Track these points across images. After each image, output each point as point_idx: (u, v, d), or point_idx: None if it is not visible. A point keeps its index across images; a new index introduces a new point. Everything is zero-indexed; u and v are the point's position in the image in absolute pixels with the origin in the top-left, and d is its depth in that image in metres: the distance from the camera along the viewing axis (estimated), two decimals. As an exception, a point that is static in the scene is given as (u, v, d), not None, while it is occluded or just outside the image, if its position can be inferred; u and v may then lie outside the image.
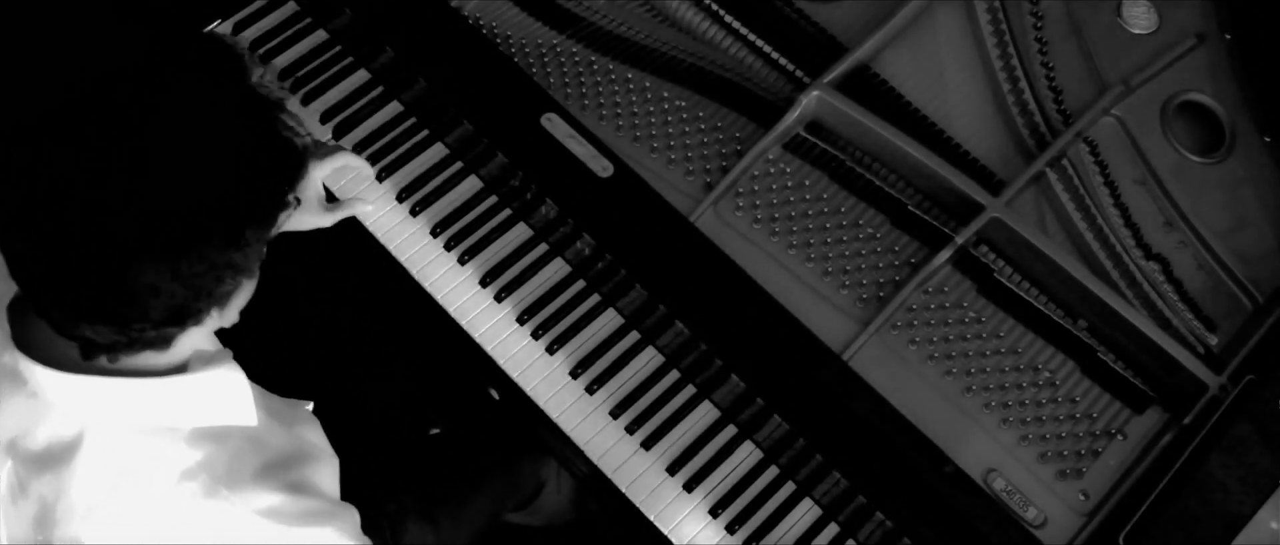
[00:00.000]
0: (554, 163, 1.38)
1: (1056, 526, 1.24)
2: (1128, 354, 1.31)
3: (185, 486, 0.93)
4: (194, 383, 0.97)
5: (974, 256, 1.36)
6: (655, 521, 1.33)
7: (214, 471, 0.94)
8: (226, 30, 1.60)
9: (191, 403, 0.97)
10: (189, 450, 0.94)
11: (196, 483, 0.93)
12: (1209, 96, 1.45)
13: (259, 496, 0.96)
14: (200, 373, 0.98)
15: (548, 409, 1.38)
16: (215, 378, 0.99)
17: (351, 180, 1.47)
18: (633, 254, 1.38)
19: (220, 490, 0.94)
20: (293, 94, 1.45)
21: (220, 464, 0.95)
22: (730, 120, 1.46)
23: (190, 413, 0.97)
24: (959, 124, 1.45)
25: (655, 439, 1.36)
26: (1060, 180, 1.39)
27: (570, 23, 1.53)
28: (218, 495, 0.94)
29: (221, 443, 0.97)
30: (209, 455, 0.95)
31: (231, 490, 0.94)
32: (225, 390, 1.00)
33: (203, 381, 0.97)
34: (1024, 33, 1.49)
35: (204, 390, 0.98)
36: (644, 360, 1.41)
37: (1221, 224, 1.38)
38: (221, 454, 0.96)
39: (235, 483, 0.95)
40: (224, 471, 0.95)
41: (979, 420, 1.29)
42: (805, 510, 1.35)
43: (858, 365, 1.29)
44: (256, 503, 0.96)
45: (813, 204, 1.41)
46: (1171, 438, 1.26)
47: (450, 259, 1.46)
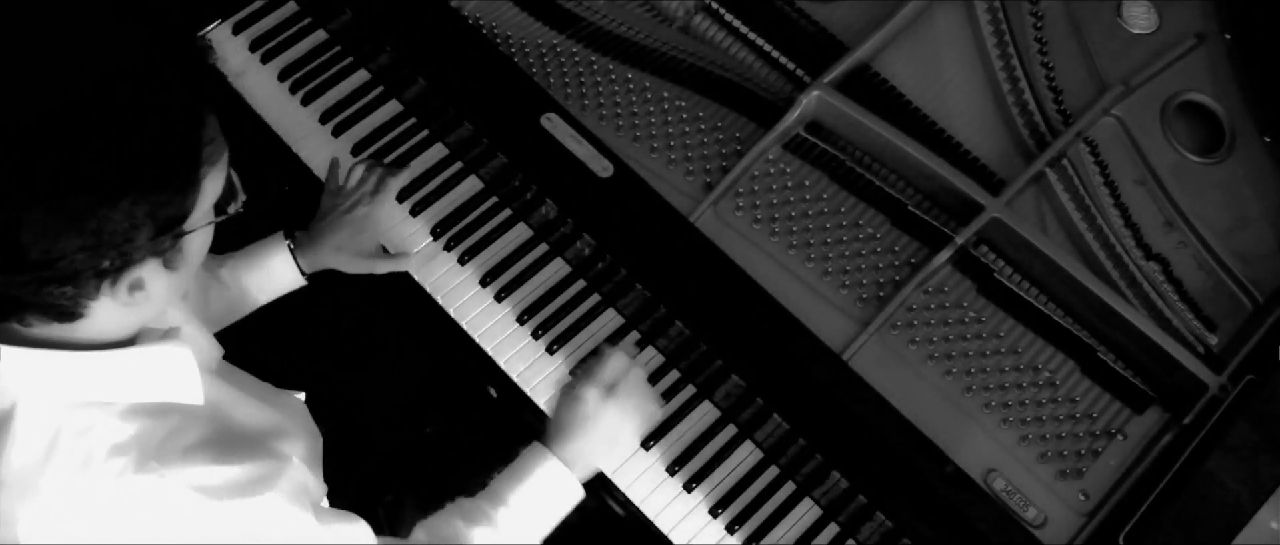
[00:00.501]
0: (554, 163, 1.38)
1: (1056, 526, 1.24)
2: (1128, 354, 1.31)
3: (115, 461, 0.92)
4: (132, 357, 0.96)
5: (974, 256, 1.36)
6: (655, 521, 1.33)
7: (145, 446, 0.93)
8: (227, 30, 1.60)
9: (130, 378, 0.96)
10: (122, 424, 0.94)
11: (127, 457, 0.92)
12: (1209, 96, 1.45)
13: (194, 470, 0.94)
14: (140, 348, 0.97)
15: (548, 409, 1.38)
16: (157, 353, 0.98)
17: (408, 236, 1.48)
18: (633, 254, 1.38)
19: (151, 464, 0.92)
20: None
21: (154, 439, 0.94)
22: (730, 120, 1.46)
23: (128, 388, 0.96)
24: (959, 124, 1.45)
25: (655, 439, 1.36)
26: (1060, 180, 1.39)
27: (570, 23, 1.53)
28: (148, 469, 0.92)
29: (159, 418, 0.96)
30: (143, 430, 0.94)
31: (164, 464, 0.93)
32: (168, 367, 0.99)
33: (142, 356, 0.97)
34: (1024, 33, 1.49)
35: (144, 366, 0.97)
36: (644, 360, 1.41)
37: (1221, 224, 1.38)
38: (157, 429, 0.95)
39: (168, 457, 0.94)
40: (156, 446, 0.94)
41: (979, 420, 1.29)
42: (805, 510, 1.35)
43: (858, 365, 1.29)
44: (191, 477, 0.94)
45: (813, 204, 1.41)
46: (1171, 438, 1.26)
47: (450, 259, 1.46)
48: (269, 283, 1.37)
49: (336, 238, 1.38)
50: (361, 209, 1.40)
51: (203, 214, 0.93)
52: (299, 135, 1.55)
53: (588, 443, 1.20)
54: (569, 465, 1.19)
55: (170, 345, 1.00)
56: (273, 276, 1.37)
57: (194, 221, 0.92)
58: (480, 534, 1.14)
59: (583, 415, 1.20)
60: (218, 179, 0.94)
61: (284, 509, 0.98)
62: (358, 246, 1.39)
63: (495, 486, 1.19)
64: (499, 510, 1.16)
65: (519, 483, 1.18)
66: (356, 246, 1.39)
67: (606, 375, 1.23)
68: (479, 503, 1.18)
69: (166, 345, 1.00)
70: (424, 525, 1.17)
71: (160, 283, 0.93)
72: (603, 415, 1.21)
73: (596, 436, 1.21)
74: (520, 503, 1.17)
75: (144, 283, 0.91)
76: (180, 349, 1.00)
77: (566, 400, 1.23)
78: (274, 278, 1.37)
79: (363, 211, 1.40)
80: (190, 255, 0.95)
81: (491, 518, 1.16)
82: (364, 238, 1.40)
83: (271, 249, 1.37)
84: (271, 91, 1.57)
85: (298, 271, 1.38)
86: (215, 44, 1.58)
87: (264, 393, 1.18)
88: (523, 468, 1.19)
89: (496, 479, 1.20)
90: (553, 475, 1.19)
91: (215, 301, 1.34)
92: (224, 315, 1.36)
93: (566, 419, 1.21)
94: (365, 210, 1.40)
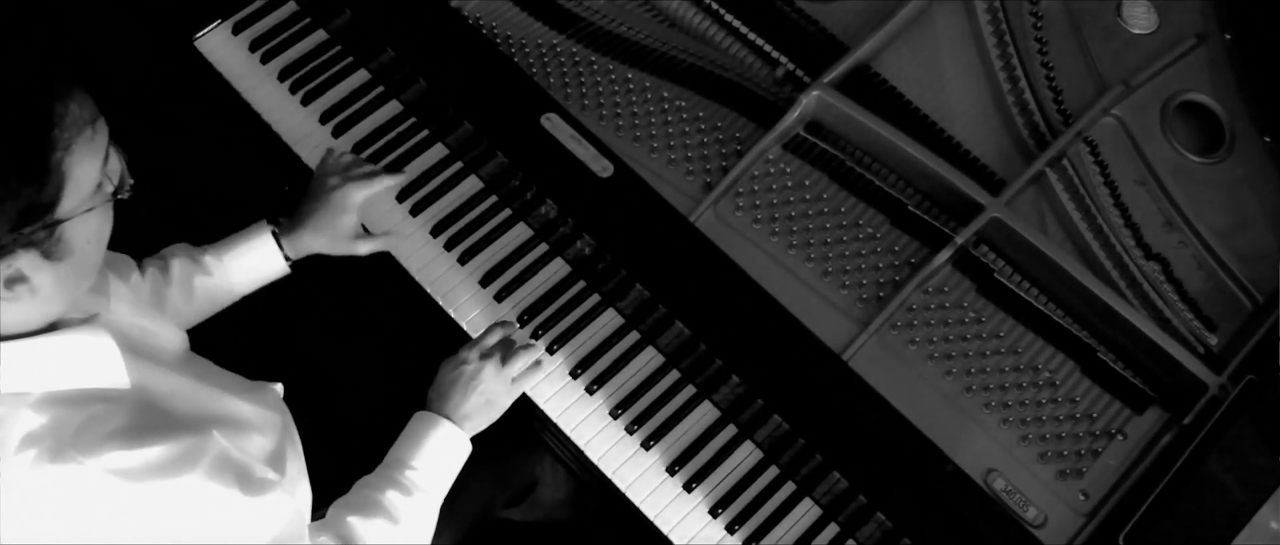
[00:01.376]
0: (554, 163, 1.38)
1: (1056, 526, 1.24)
2: (1128, 354, 1.31)
3: (26, 453, 0.91)
4: (44, 345, 0.94)
5: (974, 256, 1.36)
6: (655, 521, 1.33)
7: (61, 435, 0.92)
8: (227, 30, 1.60)
9: (44, 367, 0.94)
10: (33, 415, 0.92)
11: (40, 447, 0.91)
12: (1209, 96, 1.45)
13: (112, 455, 0.93)
14: (52, 337, 0.95)
15: (547, 409, 1.38)
16: (71, 341, 0.96)
17: (385, 212, 1.48)
18: (633, 254, 1.38)
19: (68, 452, 0.91)
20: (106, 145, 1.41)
21: (70, 427, 0.93)
22: (730, 120, 1.46)
23: (42, 377, 0.94)
24: (959, 124, 1.45)
25: (655, 439, 1.36)
26: (1060, 180, 1.39)
27: (570, 23, 1.53)
28: (65, 457, 0.91)
29: (77, 406, 0.94)
30: (56, 418, 0.93)
31: (81, 451, 0.91)
32: (85, 354, 0.97)
33: (56, 344, 0.95)
34: (1024, 33, 1.49)
35: (58, 354, 0.95)
36: (644, 360, 1.41)
37: (1221, 224, 1.38)
38: (74, 416, 0.93)
39: (86, 444, 0.92)
40: (73, 434, 0.92)
41: (979, 420, 1.29)
42: (805, 510, 1.35)
43: (858, 365, 1.29)
44: (109, 461, 0.92)
45: (813, 204, 1.41)
46: (1171, 438, 1.26)
47: (450, 259, 1.46)
48: (253, 269, 1.37)
49: (316, 219, 1.38)
50: (340, 189, 1.39)
51: (79, 200, 0.90)
52: (299, 135, 1.54)
53: (469, 404, 1.29)
54: (458, 425, 1.28)
55: (87, 332, 0.98)
56: (257, 262, 1.37)
57: (68, 209, 0.89)
58: (392, 497, 1.22)
59: (463, 377, 1.30)
60: (90, 162, 0.90)
61: (205, 487, 0.98)
62: (336, 228, 1.39)
63: (395, 454, 1.27)
64: (404, 474, 1.24)
65: (415, 445, 1.26)
66: (335, 228, 1.39)
67: (485, 343, 1.33)
68: (384, 472, 1.25)
69: (83, 332, 0.97)
70: (337, 504, 1.22)
71: (45, 275, 0.90)
72: (480, 378, 1.30)
73: (475, 398, 1.30)
74: (422, 464, 1.25)
75: (25, 275, 0.88)
76: (98, 335, 0.98)
77: (448, 366, 1.32)
78: (258, 263, 1.37)
79: (339, 188, 1.39)
80: (76, 243, 0.92)
81: (398, 481, 1.23)
82: (344, 220, 1.39)
83: (255, 235, 1.37)
84: (271, 91, 1.57)
85: (282, 257, 1.37)
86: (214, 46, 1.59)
87: (232, 384, 1.17)
88: (417, 434, 1.27)
89: (394, 448, 1.28)
90: (446, 435, 1.28)
91: (199, 289, 1.33)
92: (208, 304, 1.36)
93: (448, 383, 1.30)
94: (341, 187, 1.39)
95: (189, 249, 1.35)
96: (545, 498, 1.59)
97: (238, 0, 1.62)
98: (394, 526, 1.19)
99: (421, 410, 1.30)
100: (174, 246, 1.35)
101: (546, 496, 1.59)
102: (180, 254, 1.34)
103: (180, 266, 1.32)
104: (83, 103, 0.89)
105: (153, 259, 1.33)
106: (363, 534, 1.17)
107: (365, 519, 1.18)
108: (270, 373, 1.29)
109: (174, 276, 1.31)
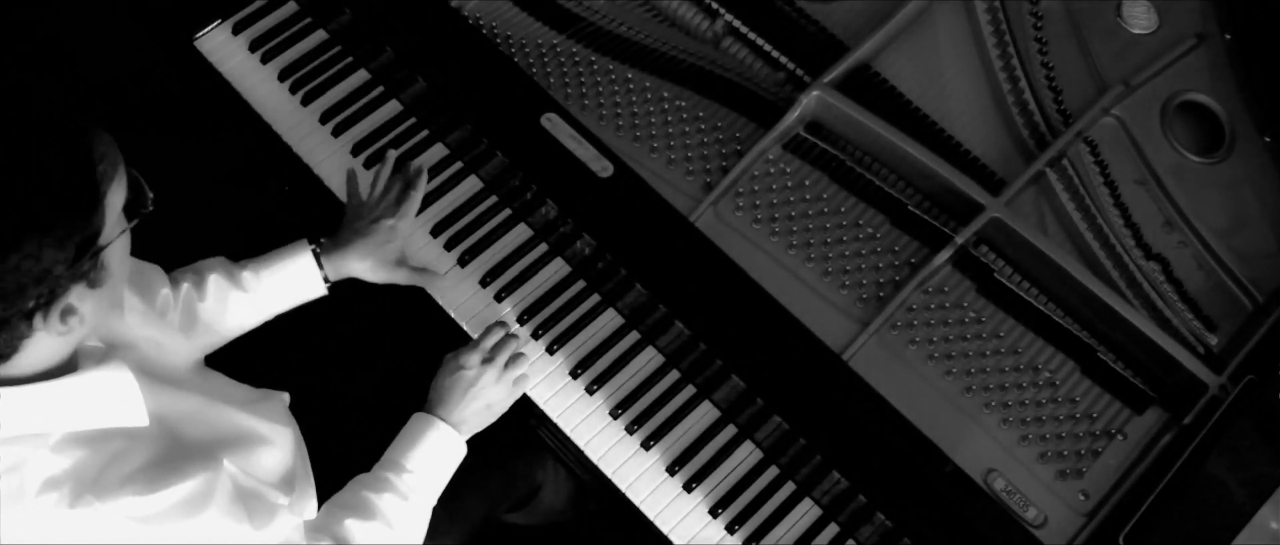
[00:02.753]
0: (554, 163, 1.38)
1: (1056, 526, 1.24)
2: (1128, 354, 1.31)
3: (47, 497, 0.91)
4: (68, 387, 0.95)
5: (974, 256, 1.36)
6: (655, 521, 1.33)
7: (81, 478, 0.92)
8: (227, 30, 1.60)
9: (65, 407, 0.95)
10: (55, 458, 0.92)
11: (60, 492, 0.91)
12: (1209, 96, 1.45)
13: (131, 500, 0.94)
14: (77, 376, 0.96)
15: (548, 409, 1.38)
16: (95, 379, 0.97)
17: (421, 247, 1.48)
18: (633, 254, 1.38)
19: (87, 497, 0.92)
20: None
21: (91, 470, 0.93)
22: (730, 120, 1.46)
23: (65, 418, 0.94)
24: (959, 124, 1.45)
25: (655, 439, 1.36)
26: (1060, 180, 1.39)
27: (570, 23, 1.53)
28: (83, 503, 0.92)
29: (98, 446, 0.95)
30: (79, 462, 0.93)
31: (100, 497, 0.92)
32: (107, 391, 0.98)
33: (79, 384, 0.96)
34: (1024, 33, 1.49)
35: (81, 393, 0.96)
36: (644, 360, 1.41)
37: (1221, 224, 1.38)
38: (95, 458, 0.94)
39: (106, 488, 0.93)
40: (93, 477, 0.93)
41: (979, 420, 1.29)
42: (805, 510, 1.35)
43: (858, 365, 1.29)
44: (128, 508, 0.93)
45: (813, 204, 1.41)
46: (1171, 438, 1.26)
47: (450, 259, 1.46)
48: (291, 287, 1.37)
49: (363, 247, 1.38)
50: (388, 220, 1.40)
51: (114, 225, 0.93)
52: (299, 135, 1.54)
53: (467, 410, 1.29)
54: (455, 429, 1.28)
55: (109, 369, 0.98)
56: (295, 281, 1.36)
57: (107, 236, 0.92)
58: (387, 500, 1.21)
59: (462, 382, 1.29)
60: (120, 187, 0.93)
61: (221, 524, 1.00)
62: (383, 256, 1.39)
63: (391, 456, 1.27)
64: (401, 477, 1.24)
65: (413, 448, 1.26)
66: (382, 256, 1.39)
67: (484, 345, 1.33)
68: (379, 473, 1.25)
69: (105, 369, 0.98)
70: (333, 503, 1.22)
71: (89, 303, 0.92)
72: (480, 383, 1.30)
73: (474, 404, 1.30)
74: (418, 467, 1.25)
75: (75, 308, 0.91)
76: (119, 372, 0.99)
77: (448, 367, 1.31)
78: (296, 282, 1.36)
79: (389, 223, 1.40)
80: (113, 266, 0.94)
81: (394, 485, 1.23)
82: (389, 248, 1.40)
83: (296, 254, 1.36)
84: (271, 91, 1.57)
85: (320, 278, 1.37)
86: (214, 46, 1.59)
87: (241, 395, 1.18)
88: (414, 435, 1.27)
89: (391, 449, 1.27)
90: (443, 439, 1.28)
91: (234, 304, 1.33)
92: (240, 320, 1.35)
93: (448, 387, 1.30)
94: (391, 222, 1.40)
95: (226, 263, 1.35)
96: (546, 501, 1.59)
97: (238, 0, 1.62)
98: (389, 530, 1.20)
99: (420, 412, 1.30)
100: (210, 260, 1.35)
101: (548, 500, 1.59)
102: (217, 269, 1.33)
103: (216, 282, 1.31)
104: (101, 132, 0.92)
105: (186, 271, 1.32)
106: (358, 536, 1.17)
107: (361, 522, 1.18)
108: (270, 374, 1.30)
109: (209, 291, 1.31)
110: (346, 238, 1.39)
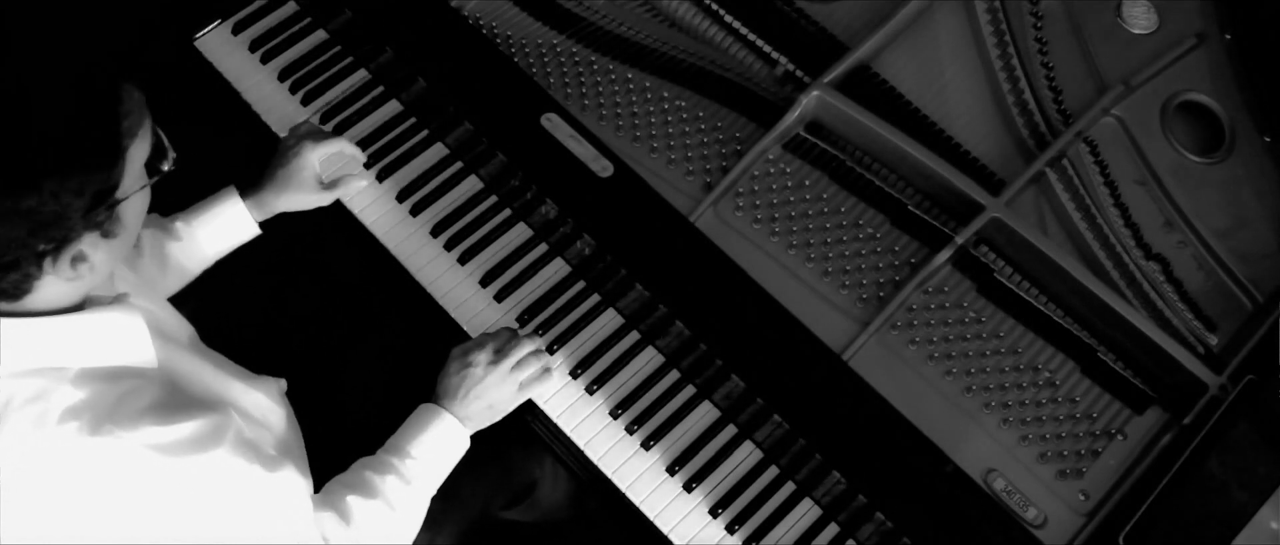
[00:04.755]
0: (554, 163, 1.38)
1: (1056, 526, 1.24)
2: (1128, 354, 1.31)
3: (68, 425, 0.94)
4: (81, 322, 0.98)
5: (974, 256, 1.36)
6: (655, 521, 1.33)
7: (98, 409, 0.96)
8: (226, 30, 1.60)
9: (80, 342, 0.98)
10: (73, 390, 0.96)
11: (81, 420, 0.94)
12: (1209, 96, 1.45)
13: (149, 430, 0.97)
14: (88, 314, 0.99)
15: (547, 409, 1.38)
16: (106, 319, 1.00)
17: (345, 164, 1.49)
18: (633, 254, 1.38)
19: (106, 425, 0.95)
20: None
21: (107, 401, 0.97)
22: (730, 120, 1.46)
23: (79, 353, 0.98)
24: (959, 124, 1.45)
25: (655, 439, 1.36)
26: (1060, 180, 1.39)
27: (570, 23, 1.53)
28: (103, 431, 0.94)
29: (113, 382, 0.98)
30: (95, 393, 0.96)
31: (119, 425, 0.95)
32: (118, 331, 1.01)
33: (92, 321, 0.99)
34: (1024, 33, 1.49)
35: (93, 331, 0.99)
36: (644, 360, 1.41)
37: (1221, 224, 1.38)
38: (110, 392, 0.97)
39: (123, 418, 0.96)
40: (110, 408, 0.96)
41: (979, 420, 1.29)
42: (805, 510, 1.35)
43: (858, 365, 1.29)
44: (146, 436, 0.96)
45: (813, 204, 1.41)
46: (1171, 438, 1.26)
47: (450, 259, 1.46)
48: (222, 231, 1.39)
49: (276, 178, 1.40)
50: (295, 147, 1.41)
51: (134, 179, 0.95)
52: (299, 135, 1.54)
53: (472, 407, 1.30)
54: (461, 423, 1.29)
55: (119, 310, 1.02)
56: (226, 225, 1.39)
57: (126, 189, 0.94)
58: (391, 483, 1.23)
59: (470, 379, 1.30)
60: (144, 144, 0.96)
61: (233, 462, 1.02)
62: (296, 183, 1.41)
63: (396, 442, 1.28)
64: (405, 462, 1.25)
65: (418, 436, 1.27)
66: (295, 183, 1.41)
67: (494, 345, 1.34)
68: (383, 457, 1.27)
69: (115, 310, 1.02)
70: (337, 481, 1.24)
71: (101, 252, 0.95)
72: (485, 383, 1.31)
73: (478, 403, 1.31)
74: (422, 455, 1.26)
75: (86, 255, 0.93)
76: (130, 313, 1.03)
77: (457, 361, 1.32)
78: (227, 226, 1.39)
79: (295, 146, 1.41)
80: (128, 220, 0.97)
81: (398, 469, 1.25)
82: (302, 175, 1.41)
83: (222, 198, 1.39)
84: (271, 91, 1.57)
85: (250, 218, 1.40)
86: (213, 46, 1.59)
87: (237, 374, 1.20)
88: (420, 424, 1.29)
89: (397, 436, 1.29)
90: (448, 430, 1.29)
91: (172, 256, 1.35)
92: (180, 271, 1.38)
93: (455, 383, 1.31)
94: (297, 145, 1.41)
95: (156, 218, 1.37)
96: (545, 498, 1.59)
97: (238, 0, 1.62)
98: (391, 511, 1.22)
99: (427, 403, 1.31)
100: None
101: (546, 497, 1.59)
102: (149, 224, 1.35)
103: (150, 236, 1.34)
104: (131, 88, 0.94)
105: None
106: (360, 514, 1.19)
107: (364, 500, 1.20)
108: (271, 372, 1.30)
109: (144, 247, 1.33)
110: (264, 175, 1.42)
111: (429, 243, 1.47)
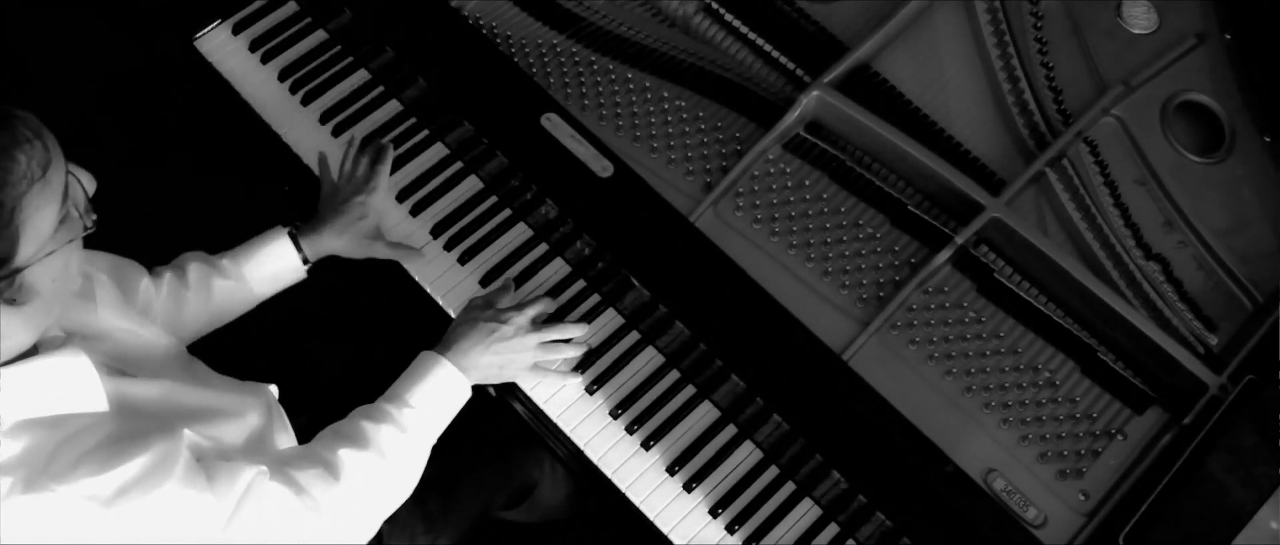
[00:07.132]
0: (554, 163, 1.38)
1: (1056, 526, 1.24)
2: (1128, 354, 1.31)
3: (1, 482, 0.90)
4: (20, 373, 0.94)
5: (974, 256, 1.36)
6: (655, 521, 1.33)
7: (34, 463, 0.91)
8: (227, 30, 1.60)
9: (20, 394, 0.94)
10: (8, 443, 0.91)
11: (13, 477, 0.90)
12: (1209, 96, 1.45)
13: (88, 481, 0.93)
14: (32, 362, 0.95)
15: (547, 409, 1.38)
16: (48, 366, 0.96)
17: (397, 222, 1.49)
18: (633, 254, 1.38)
19: (42, 481, 0.91)
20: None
21: (42, 454, 0.92)
22: (730, 120, 1.46)
23: (19, 405, 0.94)
24: (959, 124, 1.45)
25: (655, 439, 1.36)
26: (1060, 180, 1.39)
27: (570, 23, 1.53)
28: (39, 487, 0.90)
29: (52, 429, 0.94)
30: (31, 445, 0.92)
31: (56, 479, 0.91)
32: (63, 377, 0.97)
33: (33, 370, 0.95)
34: (1024, 33, 1.49)
35: (36, 379, 0.95)
36: (644, 360, 1.41)
37: (1221, 224, 1.38)
38: (47, 441, 0.93)
39: (59, 471, 0.92)
40: (46, 460, 0.92)
41: (979, 420, 1.29)
42: (805, 510, 1.35)
43: (858, 365, 1.29)
44: (85, 488, 0.92)
45: (813, 204, 1.41)
46: (1171, 438, 1.26)
47: (450, 259, 1.47)
48: (271, 272, 1.38)
49: (338, 224, 1.40)
50: (359, 197, 1.42)
51: (38, 246, 0.89)
52: (299, 135, 1.54)
53: (485, 359, 1.29)
54: (463, 373, 1.28)
55: (65, 354, 0.97)
56: (274, 265, 1.38)
57: (27, 257, 0.88)
58: (386, 432, 1.21)
59: (495, 335, 1.30)
60: (46, 209, 0.89)
61: (183, 495, 0.98)
62: (358, 231, 1.41)
63: (395, 390, 1.26)
64: (402, 411, 1.24)
65: (418, 384, 1.26)
66: (357, 232, 1.41)
67: (532, 311, 1.33)
68: (381, 405, 1.25)
69: (62, 355, 0.97)
70: (330, 429, 1.22)
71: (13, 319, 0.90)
72: (509, 342, 1.30)
73: (493, 357, 1.30)
74: (420, 403, 1.25)
75: None
76: (76, 357, 0.98)
77: (477, 313, 1.32)
78: (275, 266, 1.38)
79: (360, 198, 1.42)
80: (40, 286, 0.91)
81: (394, 417, 1.23)
82: (363, 224, 1.42)
83: (272, 238, 1.38)
84: (271, 91, 1.57)
85: (299, 260, 1.39)
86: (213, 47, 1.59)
87: (221, 385, 1.18)
88: (420, 372, 1.27)
89: (395, 384, 1.27)
90: (449, 378, 1.27)
91: (218, 292, 1.34)
92: (226, 308, 1.37)
93: (473, 336, 1.29)
94: (362, 197, 1.42)
95: (204, 255, 1.36)
96: (545, 498, 1.59)
97: (238, 0, 1.62)
98: (382, 460, 1.20)
99: (430, 351, 1.30)
100: (188, 254, 1.36)
101: (546, 497, 1.59)
102: (196, 259, 1.35)
103: (197, 271, 1.33)
104: (31, 151, 0.87)
105: (168, 267, 1.34)
106: (350, 465, 1.16)
107: (355, 451, 1.18)
108: (267, 373, 1.30)
109: (191, 280, 1.32)
110: (321, 217, 1.41)
111: (429, 243, 1.47)
